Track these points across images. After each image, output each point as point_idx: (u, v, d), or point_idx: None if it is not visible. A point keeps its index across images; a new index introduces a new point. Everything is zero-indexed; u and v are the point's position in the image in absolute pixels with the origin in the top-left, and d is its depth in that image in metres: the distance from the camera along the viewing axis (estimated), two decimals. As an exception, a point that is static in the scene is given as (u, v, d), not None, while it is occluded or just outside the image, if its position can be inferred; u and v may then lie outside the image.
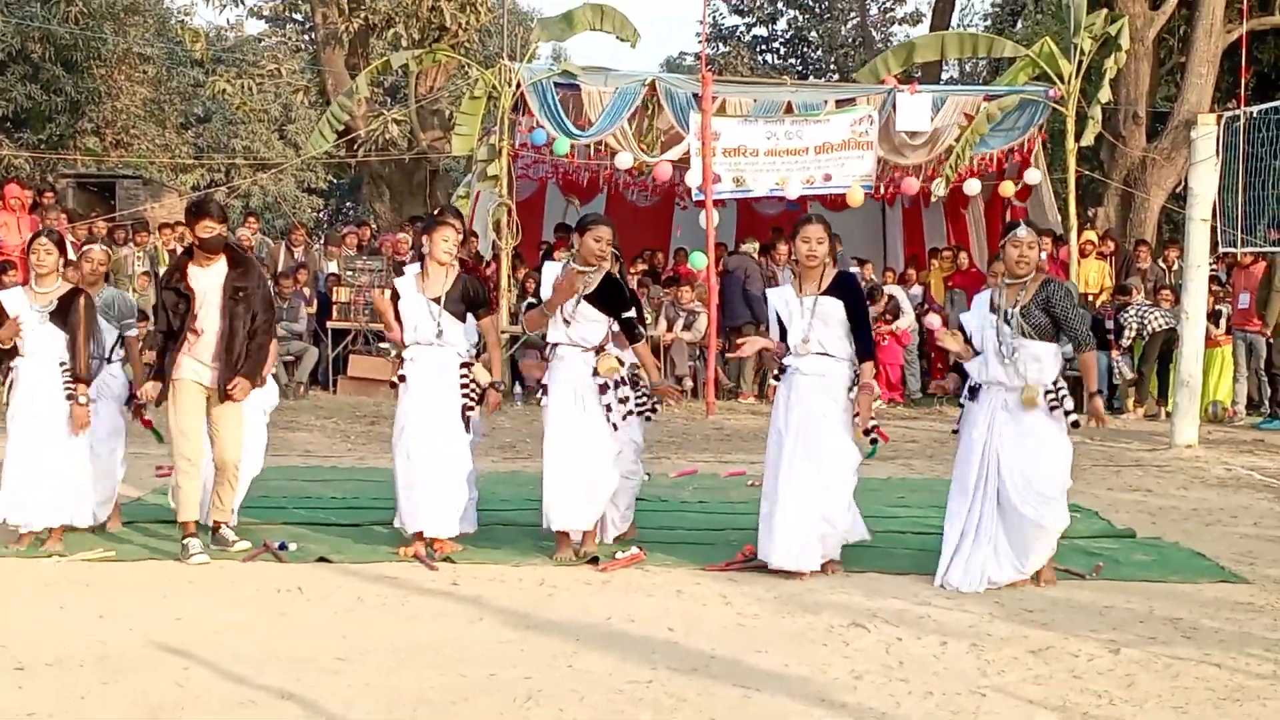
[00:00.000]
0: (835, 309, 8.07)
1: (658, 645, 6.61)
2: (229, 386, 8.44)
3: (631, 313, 8.55)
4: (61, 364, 8.60)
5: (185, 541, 8.41)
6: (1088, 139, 19.26)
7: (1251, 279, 16.62)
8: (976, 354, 8.10)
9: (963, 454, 8.12)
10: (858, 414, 8.08)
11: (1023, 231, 7.96)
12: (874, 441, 8.22)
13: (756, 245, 19.55)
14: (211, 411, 8.56)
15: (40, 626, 6.82)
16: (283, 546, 8.54)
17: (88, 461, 8.75)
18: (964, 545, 7.96)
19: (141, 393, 8.87)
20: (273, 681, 5.91)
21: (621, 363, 8.50)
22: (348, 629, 6.86)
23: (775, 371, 8.39)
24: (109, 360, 9.14)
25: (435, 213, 10.77)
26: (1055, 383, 7.87)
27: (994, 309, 8.02)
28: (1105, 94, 19.16)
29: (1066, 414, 7.86)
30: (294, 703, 5.66)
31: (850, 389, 8.10)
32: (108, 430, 9.03)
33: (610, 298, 8.45)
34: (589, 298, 8.42)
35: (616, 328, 8.54)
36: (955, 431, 8.39)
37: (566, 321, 8.44)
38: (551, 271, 8.63)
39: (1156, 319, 17.09)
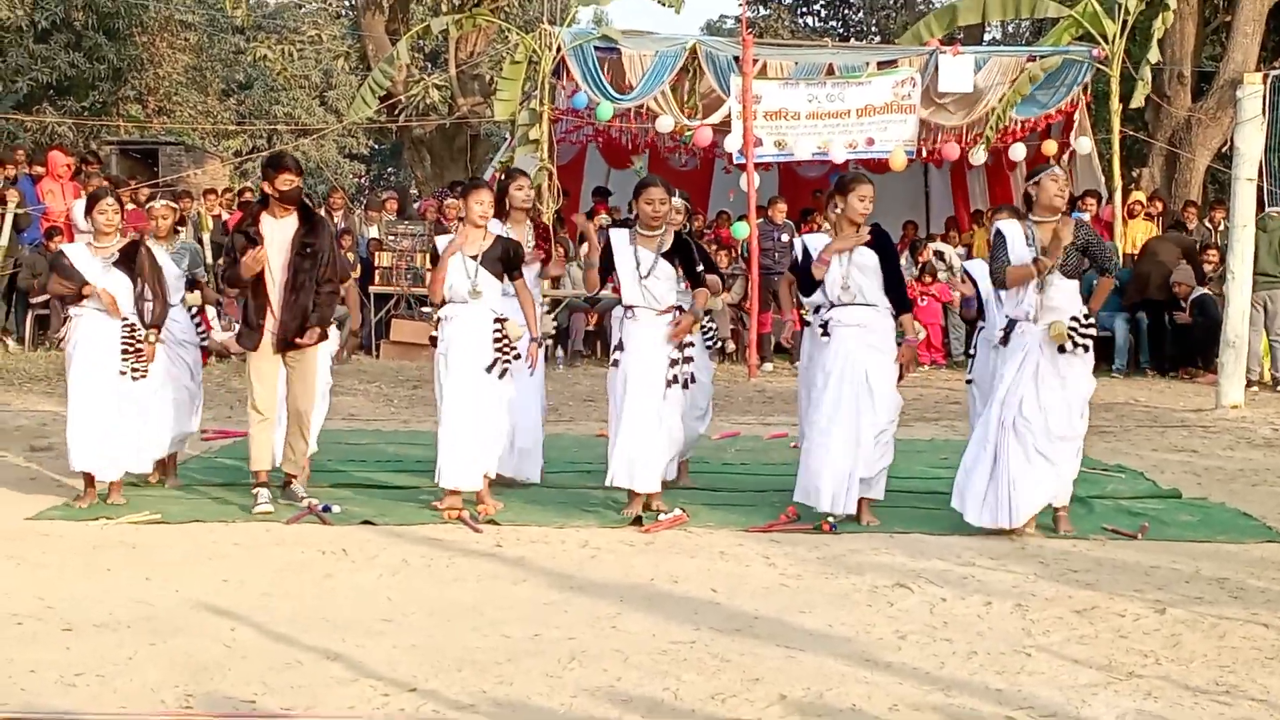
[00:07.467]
0: (870, 259, 8.30)
1: (701, 606, 6.63)
2: (297, 336, 8.65)
3: (702, 267, 8.67)
4: (124, 320, 8.77)
5: (255, 491, 8.67)
6: (1137, 101, 19.07)
7: None
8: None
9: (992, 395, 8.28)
10: (901, 368, 8.37)
11: (1056, 168, 8.33)
12: None
13: (784, 209, 19.21)
14: (287, 362, 8.78)
15: (87, 588, 6.88)
16: (326, 509, 8.58)
17: (147, 410, 9.00)
18: (988, 485, 8.16)
19: (223, 345, 9.45)
20: (318, 642, 5.95)
21: (699, 317, 8.73)
22: (392, 590, 6.90)
23: (819, 326, 8.48)
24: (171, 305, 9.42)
25: (471, 178, 10.96)
26: (1085, 316, 8.07)
27: (1029, 244, 8.13)
28: (1154, 54, 18.93)
29: (1085, 350, 8.08)
30: (339, 663, 5.70)
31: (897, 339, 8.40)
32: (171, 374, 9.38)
33: (681, 255, 8.56)
34: (665, 255, 8.51)
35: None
36: (969, 382, 9.40)
37: (642, 278, 8.48)
38: (620, 237, 8.66)
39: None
